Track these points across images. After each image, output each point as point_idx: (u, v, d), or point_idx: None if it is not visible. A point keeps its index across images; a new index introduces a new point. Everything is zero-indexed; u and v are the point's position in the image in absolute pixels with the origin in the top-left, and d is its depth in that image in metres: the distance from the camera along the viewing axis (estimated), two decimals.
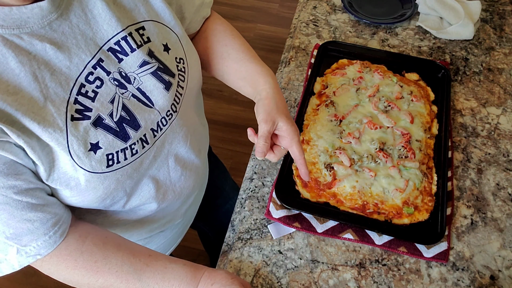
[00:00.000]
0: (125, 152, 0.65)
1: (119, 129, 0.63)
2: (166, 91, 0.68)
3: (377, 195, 0.81)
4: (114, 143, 0.63)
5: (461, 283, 0.76)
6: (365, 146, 0.87)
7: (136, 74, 0.65)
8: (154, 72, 0.67)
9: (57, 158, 0.59)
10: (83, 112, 0.60)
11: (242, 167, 1.07)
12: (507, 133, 0.95)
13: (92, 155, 0.61)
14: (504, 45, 1.12)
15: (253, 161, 0.92)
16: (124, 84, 0.64)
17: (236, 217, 0.85)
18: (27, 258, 0.61)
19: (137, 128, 0.65)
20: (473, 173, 0.89)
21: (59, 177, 0.60)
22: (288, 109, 0.83)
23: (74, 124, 0.59)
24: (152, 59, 0.67)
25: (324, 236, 0.81)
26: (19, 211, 0.58)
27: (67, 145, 0.59)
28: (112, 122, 0.62)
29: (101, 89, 0.62)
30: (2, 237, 0.59)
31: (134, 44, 0.64)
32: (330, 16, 1.20)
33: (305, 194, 0.84)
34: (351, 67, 1.01)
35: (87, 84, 0.60)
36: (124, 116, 0.64)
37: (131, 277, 0.65)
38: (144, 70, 0.66)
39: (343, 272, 0.77)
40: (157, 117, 0.68)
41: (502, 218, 0.83)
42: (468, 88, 1.03)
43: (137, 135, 0.66)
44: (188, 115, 0.77)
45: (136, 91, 0.65)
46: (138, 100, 0.66)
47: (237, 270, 0.78)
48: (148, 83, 0.66)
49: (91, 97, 0.61)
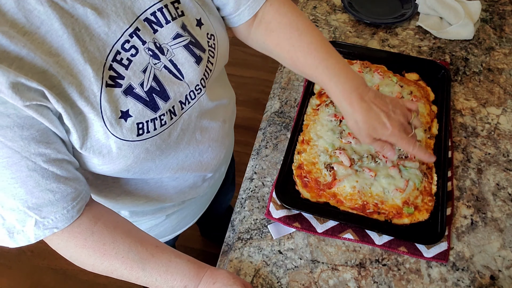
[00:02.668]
0: (155, 122, 0.66)
1: (149, 99, 0.64)
2: (197, 65, 0.70)
3: (377, 195, 0.81)
4: (144, 112, 0.64)
5: (461, 283, 0.76)
6: (365, 146, 0.87)
7: (169, 46, 0.67)
8: (186, 45, 0.68)
9: (90, 125, 0.60)
10: (116, 79, 0.61)
11: (242, 167, 1.07)
12: (507, 133, 0.95)
13: (123, 122, 0.62)
14: (504, 45, 1.12)
15: (253, 161, 0.92)
16: (158, 54, 0.65)
17: (236, 217, 0.85)
18: (44, 230, 0.61)
19: (166, 100, 0.66)
20: (473, 173, 0.89)
21: (92, 145, 0.61)
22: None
23: (108, 90, 0.60)
24: (185, 33, 0.68)
25: (324, 236, 0.81)
26: (44, 180, 0.59)
27: (101, 111, 0.60)
28: (142, 91, 0.64)
29: (135, 58, 0.63)
30: (23, 206, 0.59)
31: (169, 16, 0.66)
32: (330, 16, 1.20)
33: (305, 194, 0.84)
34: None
35: (123, 52, 0.62)
36: (154, 86, 0.65)
37: (136, 265, 0.66)
38: (177, 42, 0.67)
39: (343, 272, 0.77)
40: (186, 90, 0.69)
41: (502, 218, 0.83)
42: (468, 88, 1.03)
43: (166, 107, 0.67)
44: (215, 90, 0.78)
45: (168, 63, 0.67)
46: (169, 72, 0.67)
47: (237, 270, 0.78)
48: (180, 56, 0.68)
49: (125, 65, 0.62)
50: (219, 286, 0.67)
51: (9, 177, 0.56)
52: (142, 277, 0.66)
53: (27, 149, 0.56)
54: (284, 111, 0.99)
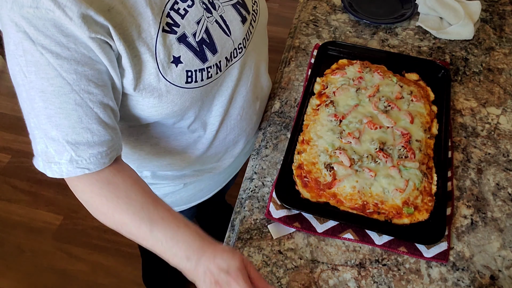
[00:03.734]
0: (202, 73, 0.71)
1: (199, 49, 0.69)
2: (242, 24, 0.76)
3: (377, 195, 0.81)
4: (194, 61, 0.69)
5: (461, 283, 0.76)
6: (365, 146, 0.87)
7: (220, 3, 0.73)
8: (234, 4, 0.75)
9: (145, 66, 0.65)
10: (172, 26, 0.66)
11: (242, 167, 1.07)
12: (507, 133, 0.95)
13: (173, 67, 0.67)
14: (504, 45, 1.13)
15: (253, 161, 0.92)
16: (210, 9, 0.71)
17: (236, 217, 0.85)
18: (76, 168, 0.64)
19: (214, 52, 0.71)
20: (473, 173, 0.89)
21: (144, 86, 0.66)
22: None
23: (163, 35, 0.65)
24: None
25: (324, 236, 0.81)
26: (87, 118, 0.62)
27: (155, 53, 0.64)
28: (194, 41, 0.69)
29: (191, 9, 0.68)
30: (63, 139, 0.62)
31: None
32: (330, 16, 1.20)
33: (305, 194, 0.84)
34: (351, 67, 1.01)
35: (180, 2, 0.67)
36: (205, 38, 0.70)
37: (144, 225, 0.66)
38: (226, 0, 0.74)
39: (343, 272, 0.77)
40: (231, 47, 0.75)
41: (502, 218, 0.83)
42: (468, 88, 1.03)
43: (214, 60, 0.72)
44: (254, 54, 0.83)
45: (219, 18, 0.72)
46: (220, 26, 0.72)
47: None
48: (229, 13, 0.74)
49: (181, 14, 0.67)
50: (218, 262, 0.65)
51: (57, 106, 0.60)
52: (149, 238, 0.66)
53: (78, 83, 0.60)
54: (284, 111, 0.99)
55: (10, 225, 1.87)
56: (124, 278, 1.74)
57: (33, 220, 1.89)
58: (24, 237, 1.84)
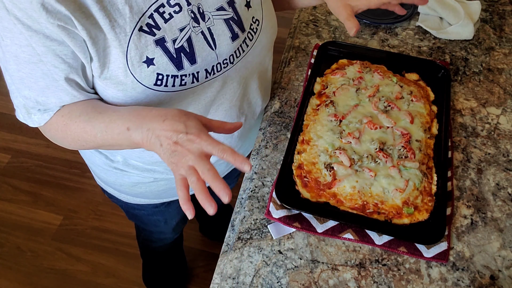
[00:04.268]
0: (175, 79, 0.70)
1: (176, 56, 0.69)
2: (232, 41, 0.74)
3: (377, 195, 0.81)
4: (168, 66, 0.68)
5: (461, 283, 0.76)
6: (365, 146, 0.87)
7: (211, 15, 0.71)
8: (227, 20, 0.73)
9: (113, 60, 0.65)
10: (152, 27, 0.66)
11: None
12: (507, 133, 0.95)
13: (144, 67, 0.67)
14: (504, 45, 1.13)
15: (253, 161, 0.92)
16: (199, 19, 0.70)
17: (236, 217, 0.85)
18: (45, 114, 0.70)
19: (192, 63, 0.71)
20: (473, 173, 0.89)
21: (110, 77, 0.67)
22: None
23: (139, 34, 0.65)
24: (229, 8, 0.73)
25: (324, 236, 0.81)
26: (54, 88, 0.67)
27: (126, 50, 0.65)
28: (172, 47, 0.68)
29: (177, 15, 0.68)
30: (35, 99, 0.68)
31: None
32: (330, 16, 1.20)
33: (305, 194, 0.84)
34: (351, 67, 1.01)
35: (167, 6, 0.66)
36: (185, 47, 0.69)
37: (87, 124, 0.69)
38: (219, 14, 0.72)
39: (343, 272, 0.77)
40: (214, 61, 0.73)
41: (502, 218, 0.83)
42: (468, 88, 1.03)
43: (191, 69, 0.71)
44: (245, 71, 0.82)
45: (206, 30, 0.71)
46: (205, 38, 0.71)
47: (237, 270, 0.78)
48: (218, 27, 0.72)
49: (165, 18, 0.67)
50: (170, 124, 0.60)
51: (28, 72, 0.65)
52: (97, 134, 0.68)
53: (46, 56, 0.63)
54: (284, 111, 0.99)
55: (10, 225, 1.87)
56: (124, 278, 1.74)
57: (33, 220, 1.89)
58: (24, 237, 1.84)
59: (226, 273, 0.77)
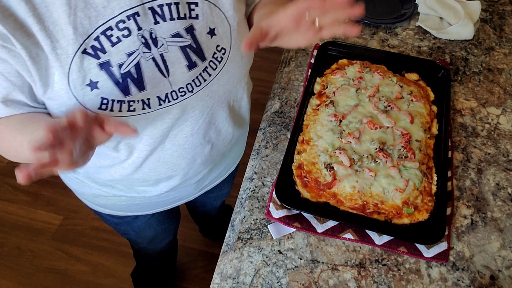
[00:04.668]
0: (122, 104, 0.67)
1: (122, 81, 0.65)
2: (188, 69, 0.70)
3: (377, 195, 0.81)
4: (113, 91, 0.65)
5: (461, 283, 0.76)
6: (365, 146, 0.87)
7: (165, 41, 0.67)
8: (183, 47, 0.69)
9: (54, 81, 0.63)
10: (97, 50, 0.63)
11: (242, 167, 1.07)
12: (507, 133, 0.95)
13: (87, 90, 0.64)
14: (504, 45, 1.13)
15: (253, 161, 0.92)
16: (150, 45, 0.66)
17: (236, 217, 0.85)
18: None
19: (141, 89, 0.67)
20: (473, 173, 0.89)
21: (53, 97, 0.64)
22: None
23: (82, 56, 0.62)
24: (187, 35, 0.69)
25: (324, 236, 0.81)
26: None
27: (68, 71, 0.62)
28: (118, 72, 0.65)
29: (126, 39, 0.64)
30: None
31: (176, 14, 0.66)
32: None
33: (305, 194, 0.84)
34: (351, 67, 1.01)
35: (115, 29, 0.63)
36: (133, 72, 0.66)
37: (17, 132, 0.65)
38: (174, 41, 0.68)
39: (343, 272, 0.77)
40: (167, 88, 0.70)
41: (502, 218, 0.83)
42: (468, 88, 1.03)
43: (139, 96, 0.68)
44: (210, 100, 0.78)
45: (158, 56, 0.67)
46: (156, 65, 0.67)
47: (237, 270, 0.78)
48: (173, 55, 0.68)
49: (112, 42, 0.63)
50: None
51: None
52: (24, 142, 0.63)
53: None
54: (284, 111, 0.99)
55: (10, 225, 1.87)
56: (124, 278, 1.74)
57: (33, 220, 1.89)
58: (23, 237, 1.84)
59: (226, 273, 0.77)
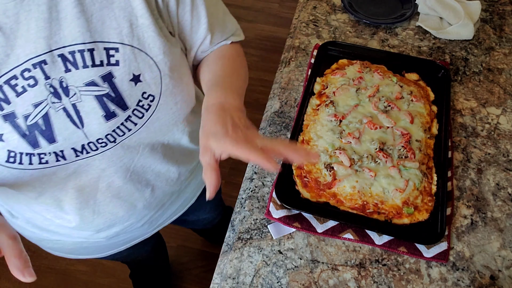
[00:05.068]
0: (31, 157, 0.62)
1: (29, 133, 0.60)
2: (105, 120, 0.64)
3: (377, 195, 0.81)
4: (20, 144, 0.60)
5: (461, 283, 0.76)
6: (365, 146, 0.87)
7: (78, 90, 0.61)
8: (99, 96, 0.62)
9: None
10: (0, 101, 0.58)
11: (242, 167, 1.07)
12: (507, 133, 0.95)
13: None
14: (504, 45, 1.13)
15: None
16: (60, 95, 0.60)
17: (236, 217, 0.85)
18: None
19: (51, 141, 0.62)
20: (473, 173, 0.89)
21: None
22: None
23: None
24: (104, 83, 0.62)
25: (324, 236, 0.81)
26: None
27: None
28: (24, 124, 0.60)
29: (32, 89, 0.58)
30: None
31: (90, 61, 0.60)
32: (330, 16, 1.20)
33: (305, 194, 0.84)
34: (351, 67, 1.01)
35: (20, 78, 0.57)
36: (40, 124, 0.60)
37: None
38: (89, 90, 0.61)
39: (343, 272, 0.77)
40: (82, 140, 0.65)
41: (502, 218, 0.83)
42: (468, 88, 1.03)
43: (50, 148, 0.63)
44: (137, 149, 0.73)
45: (70, 106, 0.61)
46: (68, 115, 0.62)
47: (237, 270, 0.78)
48: (87, 104, 0.62)
49: (17, 92, 0.58)
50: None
51: None
52: None
53: None
54: (284, 111, 0.99)
55: None
56: (124, 278, 1.74)
57: None
58: None
59: (226, 273, 0.77)
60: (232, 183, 1.94)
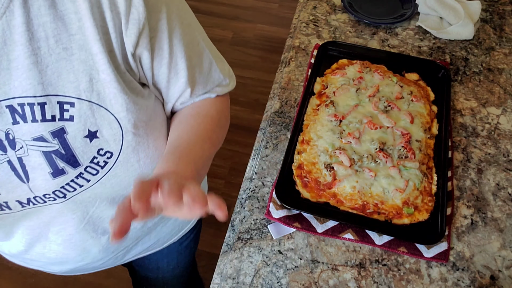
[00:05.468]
0: None
1: None
2: (52, 177, 0.60)
3: (377, 195, 0.81)
4: None
5: (461, 283, 0.76)
6: (365, 146, 0.87)
7: (25, 144, 0.57)
8: (47, 152, 0.58)
9: None
10: None
11: (242, 167, 1.07)
12: (507, 133, 0.95)
13: None
14: (504, 45, 1.12)
15: (253, 161, 0.92)
16: (6, 147, 0.57)
17: (236, 217, 0.85)
18: None
19: None
20: (473, 173, 0.89)
21: None
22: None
23: None
24: (54, 140, 0.58)
25: (324, 236, 0.81)
26: None
27: None
28: None
29: None
30: None
31: (40, 115, 0.56)
32: (330, 16, 1.20)
33: (305, 194, 0.84)
34: (351, 67, 1.01)
35: None
36: None
37: None
38: (36, 145, 0.58)
39: (343, 272, 0.77)
40: (27, 194, 0.61)
41: (502, 218, 0.83)
42: (468, 88, 1.03)
43: None
44: (93, 201, 0.69)
45: (15, 160, 0.58)
46: (12, 169, 0.58)
47: (237, 270, 0.78)
48: (33, 160, 0.59)
49: None
50: None
51: None
52: None
53: None
54: (284, 111, 0.99)
55: None
56: (124, 278, 1.73)
57: None
58: None
59: (226, 273, 0.77)
60: (232, 183, 1.94)
